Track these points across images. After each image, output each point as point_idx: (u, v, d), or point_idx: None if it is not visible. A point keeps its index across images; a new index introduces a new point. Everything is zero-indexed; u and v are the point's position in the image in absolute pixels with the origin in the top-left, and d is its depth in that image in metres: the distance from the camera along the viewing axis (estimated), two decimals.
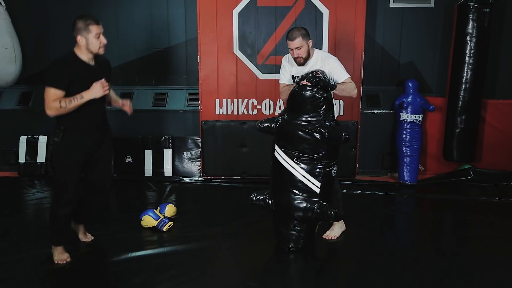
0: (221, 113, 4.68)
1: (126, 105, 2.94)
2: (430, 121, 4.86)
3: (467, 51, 4.41)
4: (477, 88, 4.49)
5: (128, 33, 4.84)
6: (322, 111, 2.88)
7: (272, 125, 3.05)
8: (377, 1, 4.77)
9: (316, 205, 2.94)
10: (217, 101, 4.64)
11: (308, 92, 2.85)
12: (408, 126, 4.68)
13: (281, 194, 3.04)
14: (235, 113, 4.68)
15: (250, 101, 4.66)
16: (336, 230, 3.35)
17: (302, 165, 2.94)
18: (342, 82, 3.04)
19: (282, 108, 4.59)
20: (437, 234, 3.67)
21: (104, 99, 2.84)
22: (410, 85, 4.71)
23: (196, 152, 4.81)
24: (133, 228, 3.44)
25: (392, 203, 4.23)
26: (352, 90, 3.05)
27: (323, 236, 3.32)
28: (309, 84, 2.88)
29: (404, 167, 4.68)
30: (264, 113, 4.67)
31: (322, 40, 4.51)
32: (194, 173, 4.83)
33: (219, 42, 4.54)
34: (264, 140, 3.86)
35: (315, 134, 2.87)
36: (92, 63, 2.74)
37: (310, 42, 3.12)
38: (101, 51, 2.71)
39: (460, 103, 4.52)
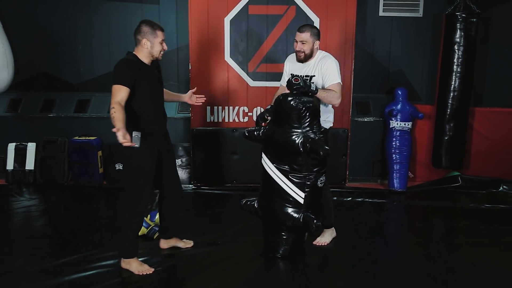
0: (212, 121, 4.66)
1: (192, 98, 3.15)
2: (419, 129, 4.89)
3: (455, 60, 4.47)
4: (465, 96, 4.54)
5: (119, 39, 4.82)
6: (305, 122, 2.84)
7: (256, 133, 3.05)
8: (367, 10, 4.82)
9: (300, 215, 2.90)
10: (208, 108, 4.62)
11: (291, 102, 2.80)
12: (398, 133, 4.70)
13: (267, 201, 3.02)
14: (226, 120, 4.66)
15: (241, 108, 4.65)
16: (326, 237, 3.35)
17: (286, 175, 2.90)
18: (326, 89, 2.99)
19: None
20: (427, 241, 3.67)
21: (163, 103, 2.89)
22: (400, 93, 4.74)
23: (187, 159, 4.78)
24: None
25: (382, 210, 4.23)
26: (335, 99, 2.98)
27: (314, 243, 3.32)
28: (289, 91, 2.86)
29: (394, 174, 4.69)
30: (255, 120, 4.59)
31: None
32: (184, 181, 4.77)
33: (211, 49, 4.53)
34: (255, 148, 3.79)
35: (296, 145, 2.82)
36: (149, 64, 2.82)
37: (317, 43, 3.10)
38: (161, 57, 2.80)
39: (449, 110, 4.57)
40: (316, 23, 4.49)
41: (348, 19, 4.50)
